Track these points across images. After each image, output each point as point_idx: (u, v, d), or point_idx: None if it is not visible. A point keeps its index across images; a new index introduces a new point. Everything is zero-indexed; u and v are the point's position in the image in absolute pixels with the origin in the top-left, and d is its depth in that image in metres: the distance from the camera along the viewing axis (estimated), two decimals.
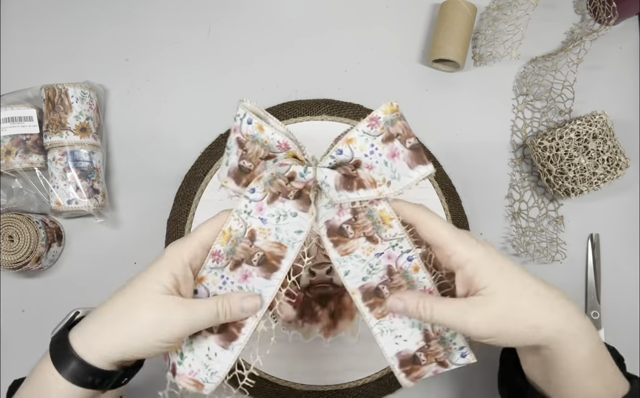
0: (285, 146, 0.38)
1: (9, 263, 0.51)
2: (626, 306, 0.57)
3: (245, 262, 0.39)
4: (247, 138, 0.39)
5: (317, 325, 0.55)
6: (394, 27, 0.63)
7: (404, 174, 0.38)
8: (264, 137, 0.38)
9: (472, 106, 0.61)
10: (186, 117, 0.60)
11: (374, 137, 0.38)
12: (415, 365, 0.40)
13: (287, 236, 0.39)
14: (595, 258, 0.57)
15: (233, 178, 0.40)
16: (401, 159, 0.38)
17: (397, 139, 0.38)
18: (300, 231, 0.40)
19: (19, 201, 0.56)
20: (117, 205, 0.59)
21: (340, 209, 0.39)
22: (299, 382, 0.54)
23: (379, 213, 0.39)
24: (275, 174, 0.38)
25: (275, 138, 0.38)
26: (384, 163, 0.38)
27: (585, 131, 0.53)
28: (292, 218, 0.39)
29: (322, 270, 0.56)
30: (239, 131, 0.39)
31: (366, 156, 0.38)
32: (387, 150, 0.38)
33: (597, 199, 0.58)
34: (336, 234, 0.40)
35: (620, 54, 0.62)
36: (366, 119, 0.38)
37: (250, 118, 0.38)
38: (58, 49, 0.61)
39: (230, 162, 0.39)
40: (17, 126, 0.55)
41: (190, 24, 0.62)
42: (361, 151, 0.38)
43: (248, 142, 0.39)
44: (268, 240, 0.39)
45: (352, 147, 0.38)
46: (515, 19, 0.57)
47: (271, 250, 0.39)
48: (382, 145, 0.38)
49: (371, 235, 0.39)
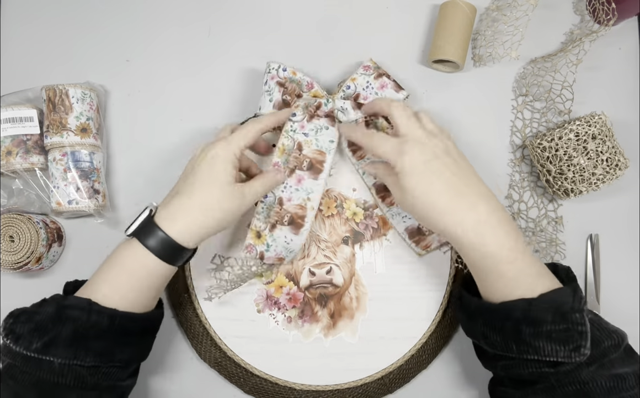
0: (311, 85, 0.56)
1: (10, 263, 0.51)
2: (626, 307, 0.57)
3: (297, 168, 0.53)
4: (285, 80, 0.55)
5: (317, 325, 0.55)
6: (393, 27, 0.63)
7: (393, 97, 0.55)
8: (297, 78, 0.55)
9: (471, 106, 0.61)
10: (186, 118, 0.60)
11: (368, 76, 0.56)
12: (421, 235, 0.55)
13: (324, 144, 0.54)
14: (594, 258, 0.57)
15: (278, 109, 0.54)
16: (389, 88, 0.56)
17: (384, 76, 0.56)
18: (332, 140, 0.54)
19: (19, 201, 0.56)
20: (118, 205, 0.59)
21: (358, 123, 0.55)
22: (299, 382, 0.55)
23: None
24: (308, 104, 0.54)
25: (305, 79, 0.56)
26: (376, 93, 0.55)
27: (584, 131, 0.53)
28: (325, 131, 0.54)
29: (322, 269, 0.56)
30: (277, 77, 0.55)
31: (364, 90, 0.55)
32: (378, 84, 0.56)
33: (597, 199, 0.59)
34: (353, 143, 0.56)
35: (619, 54, 0.62)
36: (361, 67, 0.56)
37: (284, 67, 0.55)
38: (59, 49, 0.61)
39: (275, 98, 0.55)
40: (17, 127, 0.55)
41: (191, 24, 0.62)
42: (360, 85, 0.55)
43: (287, 82, 0.55)
44: (311, 148, 0.54)
45: (355, 83, 0.55)
46: (514, 19, 0.57)
47: (314, 156, 0.54)
48: (374, 81, 0.56)
49: None
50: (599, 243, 0.58)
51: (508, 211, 0.59)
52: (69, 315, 0.41)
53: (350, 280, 0.56)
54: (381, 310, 0.56)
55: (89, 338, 0.41)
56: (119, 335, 0.42)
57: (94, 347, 0.41)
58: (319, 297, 0.56)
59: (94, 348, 0.41)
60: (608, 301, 0.57)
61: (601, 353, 0.40)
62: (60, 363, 0.40)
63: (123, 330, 0.42)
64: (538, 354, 0.40)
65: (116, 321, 0.42)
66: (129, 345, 0.44)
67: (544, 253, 0.57)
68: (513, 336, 0.42)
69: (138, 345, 0.46)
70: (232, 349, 0.55)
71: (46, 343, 0.39)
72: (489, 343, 0.44)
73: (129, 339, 0.44)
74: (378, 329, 0.55)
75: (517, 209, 0.59)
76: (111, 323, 0.41)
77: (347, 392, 0.54)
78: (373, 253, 0.57)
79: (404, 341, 0.55)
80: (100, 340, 0.41)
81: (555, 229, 0.58)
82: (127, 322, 0.43)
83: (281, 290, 0.56)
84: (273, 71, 0.55)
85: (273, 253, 0.52)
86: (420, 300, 0.56)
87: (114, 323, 0.42)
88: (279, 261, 0.53)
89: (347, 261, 0.56)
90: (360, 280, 0.56)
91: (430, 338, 0.55)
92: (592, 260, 0.57)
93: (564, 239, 0.58)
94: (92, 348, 0.41)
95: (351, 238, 0.57)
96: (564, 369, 0.40)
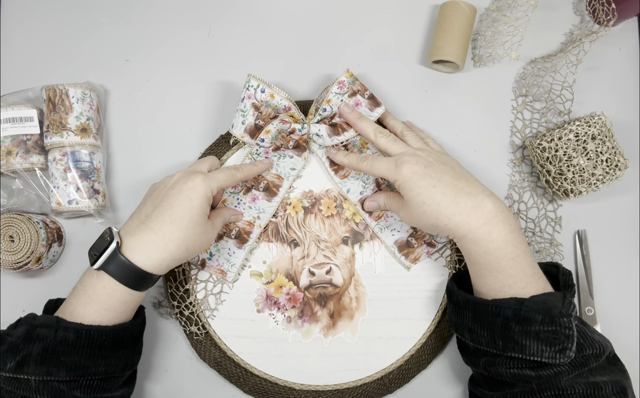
0: (288, 109, 0.55)
1: (10, 263, 0.51)
2: (626, 307, 0.57)
3: (254, 188, 0.56)
4: (261, 103, 0.54)
5: (316, 325, 0.55)
6: (393, 28, 0.63)
7: (367, 116, 0.54)
8: (274, 103, 0.54)
9: (471, 107, 0.61)
10: (186, 118, 0.60)
11: (343, 95, 0.55)
12: (410, 248, 0.56)
13: (284, 170, 0.56)
14: (584, 254, 0.57)
15: (248, 133, 0.55)
16: (363, 106, 0.55)
17: (358, 94, 0.55)
18: (293, 168, 0.56)
19: (19, 201, 0.56)
20: (118, 205, 0.59)
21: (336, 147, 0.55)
22: (299, 382, 0.55)
23: (359, 141, 0.57)
24: (280, 130, 0.54)
25: (282, 103, 0.54)
26: None
27: (584, 132, 0.53)
28: (289, 159, 0.56)
29: (322, 269, 0.56)
30: (254, 97, 0.54)
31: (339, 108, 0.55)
32: (352, 102, 0.55)
33: (597, 200, 0.59)
34: (335, 164, 0.56)
35: (619, 55, 0.62)
36: (335, 84, 0.55)
37: (263, 88, 0.54)
38: (59, 49, 0.62)
39: (247, 121, 0.55)
40: (17, 127, 0.55)
41: (190, 24, 0.62)
42: (335, 106, 0.55)
43: (262, 106, 0.54)
44: (271, 172, 0.56)
45: (330, 105, 0.55)
46: (514, 20, 0.57)
47: (272, 179, 0.56)
48: (349, 99, 0.55)
49: None
50: (587, 238, 0.58)
51: None
52: (38, 334, 0.41)
53: (349, 280, 0.56)
54: (381, 310, 0.56)
55: (59, 353, 0.41)
56: (88, 348, 0.42)
57: (65, 362, 0.41)
58: (318, 297, 0.56)
59: (66, 364, 0.41)
60: (608, 301, 0.57)
61: (582, 361, 0.41)
62: (35, 380, 0.40)
63: (91, 343, 0.42)
64: (523, 353, 0.41)
65: (82, 335, 0.42)
66: (103, 357, 0.43)
67: (544, 253, 0.57)
68: (501, 333, 0.42)
69: (114, 356, 0.45)
70: (231, 349, 0.55)
71: (18, 362, 0.40)
72: (474, 338, 0.45)
73: (101, 351, 0.43)
74: (378, 329, 0.55)
75: (517, 210, 0.59)
76: (77, 338, 0.42)
77: (346, 392, 0.54)
78: (373, 253, 0.57)
79: (403, 341, 0.55)
80: (70, 355, 0.42)
81: (555, 229, 0.58)
82: (95, 335, 0.42)
83: (281, 290, 0.56)
84: (251, 88, 0.54)
85: (215, 263, 0.55)
86: (420, 300, 0.56)
87: (80, 337, 0.42)
88: (220, 273, 0.55)
89: (347, 261, 0.56)
90: (359, 280, 0.56)
91: (430, 338, 0.55)
92: (581, 256, 0.57)
93: (563, 240, 0.58)
94: (63, 364, 0.41)
95: (351, 238, 0.57)
96: (545, 373, 0.41)
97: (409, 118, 0.60)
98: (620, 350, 0.56)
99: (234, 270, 0.55)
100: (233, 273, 0.55)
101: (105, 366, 0.43)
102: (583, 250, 0.58)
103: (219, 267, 0.55)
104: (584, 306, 0.56)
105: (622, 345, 0.56)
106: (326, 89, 0.56)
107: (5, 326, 0.56)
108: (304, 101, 0.59)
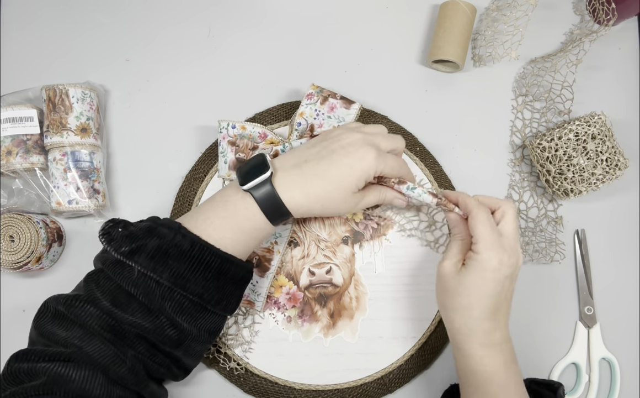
0: (264, 135, 0.55)
1: (10, 263, 0.51)
2: (626, 307, 0.57)
3: None
4: (235, 138, 0.55)
5: (316, 325, 0.55)
6: (393, 27, 0.63)
7: (346, 116, 0.55)
8: (247, 133, 0.55)
9: (471, 106, 0.61)
10: (186, 118, 0.60)
11: (314, 104, 0.55)
12: None
13: None
14: (583, 253, 0.57)
15: (233, 169, 0.55)
16: (338, 107, 0.55)
17: (330, 98, 0.55)
18: None
19: (19, 201, 0.56)
20: (118, 205, 0.59)
21: None
22: (299, 382, 0.55)
23: None
24: None
25: (256, 131, 0.55)
26: (328, 117, 0.55)
27: (584, 131, 0.53)
28: None
29: (322, 269, 0.56)
30: (227, 136, 0.55)
31: (315, 119, 0.54)
32: (327, 108, 0.55)
33: (597, 199, 0.59)
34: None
35: (619, 54, 0.62)
36: (305, 97, 0.55)
37: (233, 124, 0.55)
38: (58, 49, 0.62)
39: (228, 159, 0.55)
40: (17, 126, 0.55)
41: (190, 24, 0.62)
42: (310, 117, 0.54)
43: (237, 139, 0.55)
44: None
45: (305, 118, 0.54)
46: (514, 19, 0.57)
47: None
48: (321, 106, 0.55)
49: None
50: (586, 237, 0.58)
51: None
52: (158, 232, 0.42)
53: (349, 280, 0.56)
54: (381, 309, 0.56)
55: (170, 255, 0.41)
56: (196, 261, 0.42)
57: (172, 266, 0.41)
58: (318, 297, 0.56)
59: (171, 268, 0.41)
60: (608, 301, 0.57)
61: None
62: (139, 271, 0.41)
63: (200, 258, 0.42)
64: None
65: (196, 247, 0.42)
66: (205, 279, 0.42)
67: (544, 253, 0.57)
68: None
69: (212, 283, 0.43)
70: (231, 348, 0.55)
71: (133, 249, 0.41)
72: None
73: (206, 273, 0.42)
74: (378, 329, 0.55)
75: (517, 210, 0.59)
76: (191, 248, 0.42)
77: (346, 391, 0.54)
78: (373, 252, 0.57)
79: (404, 341, 0.55)
80: (179, 261, 0.42)
81: (555, 229, 0.58)
82: (207, 252, 0.42)
83: (281, 290, 0.56)
84: (223, 130, 0.55)
85: None
86: (420, 300, 0.56)
87: (193, 247, 0.42)
88: (248, 304, 0.54)
89: (347, 261, 0.56)
90: (360, 279, 0.56)
91: (430, 338, 0.55)
92: (581, 255, 0.57)
93: (563, 240, 0.58)
94: (169, 267, 0.41)
95: (351, 237, 0.57)
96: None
97: (409, 118, 0.60)
98: (620, 350, 0.57)
99: (261, 299, 0.54)
100: (261, 303, 0.54)
101: (202, 288, 0.42)
102: (582, 249, 0.58)
103: (246, 298, 0.54)
104: (583, 306, 0.56)
105: (622, 345, 0.56)
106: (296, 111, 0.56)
107: (6, 325, 0.56)
108: None
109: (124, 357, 0.40)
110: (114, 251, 0.41)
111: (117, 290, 0.42)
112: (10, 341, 0.56)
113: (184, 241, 0.42)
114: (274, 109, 0.59)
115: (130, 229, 0.43)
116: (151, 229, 0.42)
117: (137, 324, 0.41)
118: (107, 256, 0.43)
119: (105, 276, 0.42)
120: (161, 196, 0.58)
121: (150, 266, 0.41)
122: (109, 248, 0.42)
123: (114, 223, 0.44)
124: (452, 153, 0.60)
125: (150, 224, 0.43)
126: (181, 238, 0.42)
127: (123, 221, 0.44)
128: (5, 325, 0.56)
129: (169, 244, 0.42)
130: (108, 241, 0.42)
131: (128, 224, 0.44)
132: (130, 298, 0.41)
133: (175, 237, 0.42)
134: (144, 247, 0.41)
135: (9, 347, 0.56)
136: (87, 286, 0.43)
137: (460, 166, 0.60)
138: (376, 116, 0.60)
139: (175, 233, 0.42)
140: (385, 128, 0.51)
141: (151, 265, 0.41)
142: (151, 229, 0.42)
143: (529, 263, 0.58)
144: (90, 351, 0.39)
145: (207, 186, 0.58)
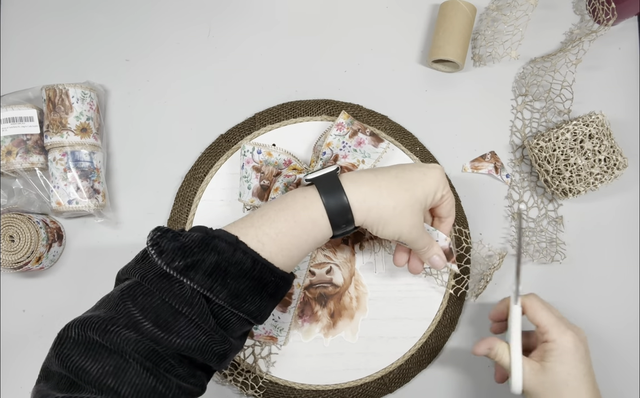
0: (288, 162, 0.54)
1: (10, 263, 0.51)
2: (626, 307, 0.57)
3: None
4: (261, 164, 0.54)
5: (317, 325, 0.55)
6: (393, 27, 0.63)
7: (372, 152, 0.55)
8: (273, 160, 0.54)
9: (471, 106, 0.61)
10: (186, 118, 0.60)
11: (343, 136, 0.55)
12: None
13: None
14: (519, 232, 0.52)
15: (257, 196, 0.54)
16: (367, 143, 0.55)
17: (359, 132, 0.55)
18: None
19: (19, 201, 0.56)
20: (118, 205, 0.59)
21: None
22: (299, 382, 0.55)
23: None
24: (287, 184, 0.51)
25: (281, 158, 0.54)
26: (354, 150, 0.54)
27: (581, 131, 0.53)
28: None
29: (322, 269, 0.56)
30: (252, 161, 0.54)
31: (340, 150, 0.54)
32: (354, 142, 0.55)
33: (596, 199, 0.59)
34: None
35: (619, 54, 0.62)
36: (335, 126, 0.55)
37: (259, 149, 0.54)
38: (58, 49, 0.62)
39: (252, 185, 0.54)
40: (17, 126, 0.55)
41: (190, 24, 0.62)
42: (337, 148, 0.54)
43: (263, 165, 0.54)
44: None
45: (331, 148, 0.54)
46: (514, 19, 0.58)
47: None
48: (350, 140, 0.55)
49: None
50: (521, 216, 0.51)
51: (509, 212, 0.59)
52: (215, 245, 0.38)
53: (350, 280, 0.56)
54: (381, 309, 0.56)
55: (229, 274, 0.38)
56: (255, 282, 0.39)
57: (229, 285, 0.38)
58: (318, 297, 0.56)
59: (230, 287, 0.38)
60: (608, 301, 0.57)
61: None
62: (192, 288, 0.37)
63: (260, 279, 0.39)
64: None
65: (257, 267, 0.39)
66: (260, 299, 0.40)
67: (544, 253, 0.57)
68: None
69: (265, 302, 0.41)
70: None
71: (189, 265, 0.37)
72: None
73: (262, 293, 0.40)
74: (378, 329, 0.55)
75: (517, 209, 0.59)
76: (253, 267, 0.39)
77: (347, 391, 0.54)
78: (373, 252, 0.57)
79: (403, 341, 0.55)
80: (238, 280, 0.38)
81: (555, 229, 0.58)
82: (267, 272, 0.40)
83: None
84: (248, 154, 0.54)
85: (262, 331, 0.54)
86: (420, 300, 0.56)
87: (255, 267, 0.39)
88: (271, 340, 0.54)
89: (347, 261, 0.56)
90: (360, 279, 0.56)
91: (430, 338, 0.55)
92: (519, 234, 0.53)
93: (564, 240, 0.58)
94: (228, 286, 0.38)
95: (351, 237, 0.57)
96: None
97: (409, 118, 0.60)
98: (620, 350, 0.57)
99: (284, 334, 0.54)
100: (283, 337, 0.54)
101: (257, 308, 0.40)
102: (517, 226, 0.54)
103: (268, 334, 0.54)
104: None
105: (622, 345, 0.56)
106: (324, 133, 0.56)
107: (6, 325, 0.56)
108: (305, 101, 0.59)
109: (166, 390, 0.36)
110: (165, 265, 0.37)
111: (161, 307, 0.37)
112: (10, 341, 0.56)
113: (245, 259, 0.39)
114: (274, 109, 0.59)
115: (181, 241, 0.38)
116: (206, 242, 0.38)
117: (182, 345, 0.36)
118: (149, 268, 0.38)
119: (144, 291, 0.37)
120: (161, 196, 0.58)
121: (207, 284, 0.37)
122: (159, 261, 0.37)
123: (161, 231, 0.39)
124: (452, 153, 0.60)
125: (204, 236, 0.39)
126: (242, 256, 0.39)
127: (170, 230, 0.40)
128: (5, 325, 0.56)
129: (228, 262, 0.38)
130: (158, 254, 0.38)
131: (177, 234, 0.39)
132: (177, 315, 0.37)
133: (235, 254, 0.38)
134: (201, 263, 0.37)
135: (9, 347, 0.56)
136: (123, 305, 0.37)
137: (460, 166, 0.60)
138: (376, 116, 0.60)
139: (235, 249, 0.39)
140: None
141: (208, 283, 0.37)
142: (206, 242, 0.38)
143: (530, 263, 0.58)
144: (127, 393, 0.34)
145: (207, 186, 0.58)
